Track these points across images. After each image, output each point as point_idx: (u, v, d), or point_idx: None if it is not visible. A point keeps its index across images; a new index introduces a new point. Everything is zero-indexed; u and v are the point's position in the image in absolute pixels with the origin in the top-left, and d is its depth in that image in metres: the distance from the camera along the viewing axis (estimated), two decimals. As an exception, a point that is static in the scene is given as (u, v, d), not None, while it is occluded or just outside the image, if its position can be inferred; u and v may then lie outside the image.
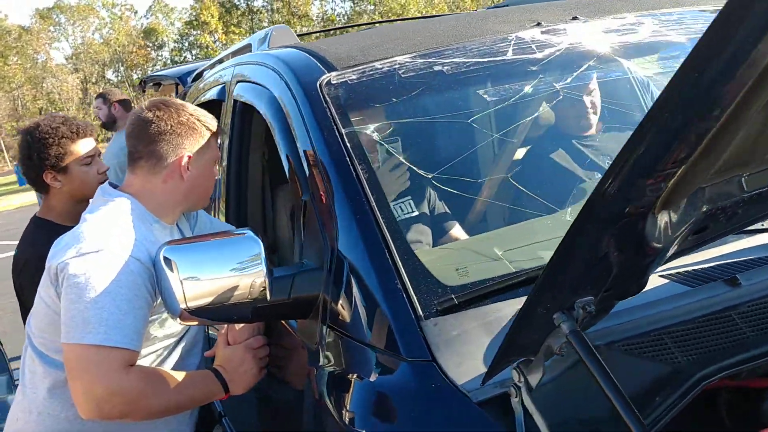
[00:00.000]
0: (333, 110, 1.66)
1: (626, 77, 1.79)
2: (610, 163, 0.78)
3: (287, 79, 1.86)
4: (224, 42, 52.61)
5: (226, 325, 1.75)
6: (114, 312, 1.50)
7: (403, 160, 1.60)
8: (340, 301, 1.43)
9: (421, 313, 1.25)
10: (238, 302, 1.50)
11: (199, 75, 3.88)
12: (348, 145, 1.56)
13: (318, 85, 1.76)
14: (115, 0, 57.68)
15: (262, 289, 1.49)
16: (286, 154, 1.78)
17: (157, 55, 58.69)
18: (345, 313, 1.41)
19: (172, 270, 1.48)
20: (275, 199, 2.60)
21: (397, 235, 1.39)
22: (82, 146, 2.44)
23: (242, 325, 1.73)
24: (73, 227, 2.63)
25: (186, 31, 56.20)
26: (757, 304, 1.20)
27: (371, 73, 1.80)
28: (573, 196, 1.60)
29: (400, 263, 1.33)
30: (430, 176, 1.57)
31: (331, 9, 56.81)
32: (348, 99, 1.71)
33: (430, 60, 1.83)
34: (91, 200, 1.76)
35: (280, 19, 54.81)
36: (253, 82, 2.16)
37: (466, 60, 1.81)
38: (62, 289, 1.54)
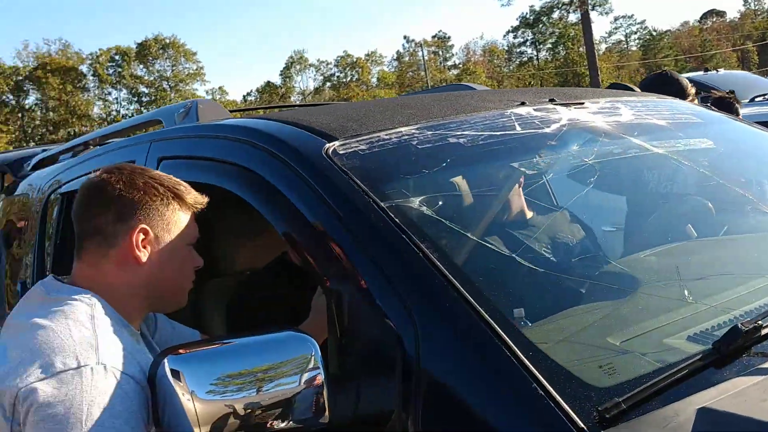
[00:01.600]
0: (359, 182, 1.37)
1: (645, 153, 1.72)
2: None
3: (274, 149, 1.53)
4: (-12, 139, 47.45)
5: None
6: None
7: (474, 237, 1.33)
8: (435, 421, 1.09)
9: (582, 425, 0.97)
10: (283, 426, 1.11)
11: (46, 161, 3.24)
12: (397, 220, 1.27)
13: (324, 154, 1.46)
14: None
15: (318, 405, 1.12)
16: (286, 233, 1.43)
17: None
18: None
19: (182, 387, 1.07)
20: (202, 296, 2.14)
21: (509, 327, 1.11)
22: None
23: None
24: None
25: (-58, 126, 49.83)
26: None
27: (381, 143, 1.55)
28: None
29: (528, 363, 1.05)
30: (513, 254, 1.32)
31: (116, 111, 54.50)
32: (370, 170, 1.43)
33: (439, 132, 1.62)
34: (25, 300, 1.25)
35: (56, 118, 51.23)
36: (200, 158, 1.77)
37: (479, 133, 1.64)
38: (26, 426, 1.03)
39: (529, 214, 1.57)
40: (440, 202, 1.38)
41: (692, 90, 3.02)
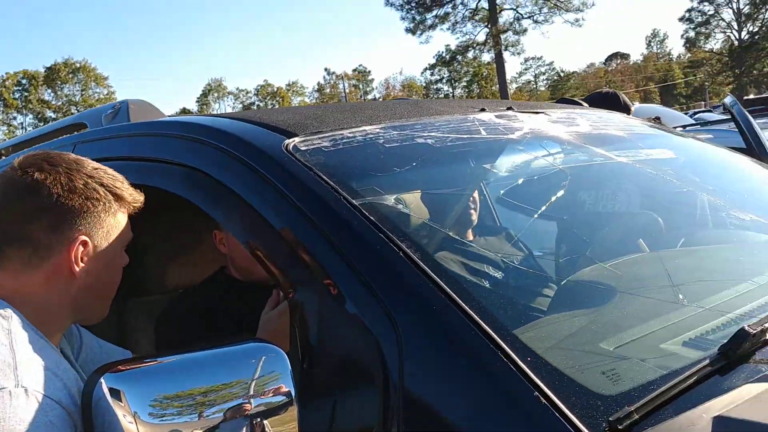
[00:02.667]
0: (326, 178, 1.24)
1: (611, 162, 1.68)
2: None
3: (225, 146, 1.38)
4: None
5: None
6: None
7: (455, 236, 1.22)
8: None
9: (590, 436, 0.87)
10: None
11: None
12: (372, 218, 1.15)
13: (285, 149, 1.33)
14: None
15: (288, 423, 0.98)
16: (247, 242, 1.28)
17: None
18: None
19: (124, 408, 0.91)
20: (124, 315, 1.93)
21: (503, 330, 1.00)
22: None
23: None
24: None
25: None
26: None
27: (346, 141, 1.43)
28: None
29: (527, 369, 0.94)
30: (499, 255, 1.22)
31: (19, 134, 51.79)
32: (337, 166, 1.31)
33: (405, 132, 1.52)
34: None
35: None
36: (136, 158, 1.59)
37: (446, 135, 1.55)
38: None
39: (500, 217, 1.49)
40: (415, 201, 1.27)
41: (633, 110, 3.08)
